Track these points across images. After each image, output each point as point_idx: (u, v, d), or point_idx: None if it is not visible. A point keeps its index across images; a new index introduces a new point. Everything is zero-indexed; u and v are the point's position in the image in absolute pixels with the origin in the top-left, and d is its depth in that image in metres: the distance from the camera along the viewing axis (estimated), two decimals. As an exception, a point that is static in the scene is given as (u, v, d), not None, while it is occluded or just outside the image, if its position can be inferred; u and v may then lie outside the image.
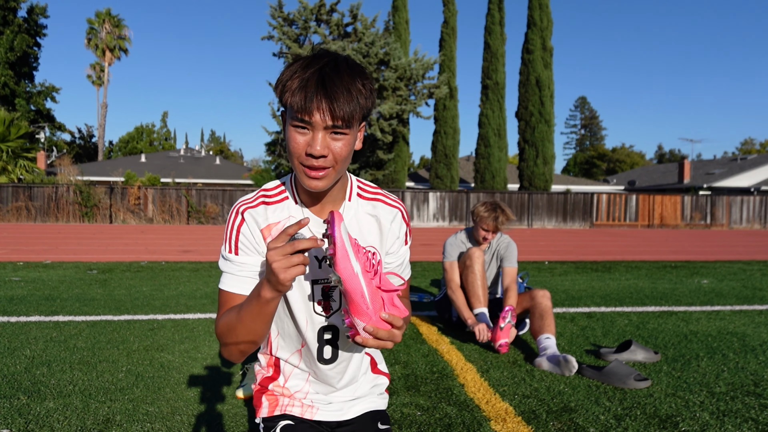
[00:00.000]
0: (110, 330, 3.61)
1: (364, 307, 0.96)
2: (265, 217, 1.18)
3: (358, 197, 1.26)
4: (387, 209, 1.28)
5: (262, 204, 1.19)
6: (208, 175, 31.89)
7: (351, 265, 0.95)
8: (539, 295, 3.25)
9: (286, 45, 19.63)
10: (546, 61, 23.38)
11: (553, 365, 2.86)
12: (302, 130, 1.06)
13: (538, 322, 3.15)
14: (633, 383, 2.62)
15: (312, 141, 1.05)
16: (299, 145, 1.07)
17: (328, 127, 1.05)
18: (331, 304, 1.22)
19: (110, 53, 36.54)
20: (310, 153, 1.05)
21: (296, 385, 1.32)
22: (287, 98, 1.06)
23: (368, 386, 1.39)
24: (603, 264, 7.83)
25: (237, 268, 1.16)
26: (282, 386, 1.32)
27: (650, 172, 42.13)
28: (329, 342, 1.25)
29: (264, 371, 1.35)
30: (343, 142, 1.07)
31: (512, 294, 3.40)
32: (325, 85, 1.03)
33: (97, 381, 2.64)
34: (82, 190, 17.96)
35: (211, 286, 5.41)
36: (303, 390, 1.31)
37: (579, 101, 72.53)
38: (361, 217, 1.25)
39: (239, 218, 1.17)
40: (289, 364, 1.30)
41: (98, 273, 6.21)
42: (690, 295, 5.25)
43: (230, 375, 2.78)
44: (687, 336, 3.64)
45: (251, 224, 1.17)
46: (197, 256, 8.33)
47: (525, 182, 23.66)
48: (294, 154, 1.08)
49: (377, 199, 1.28)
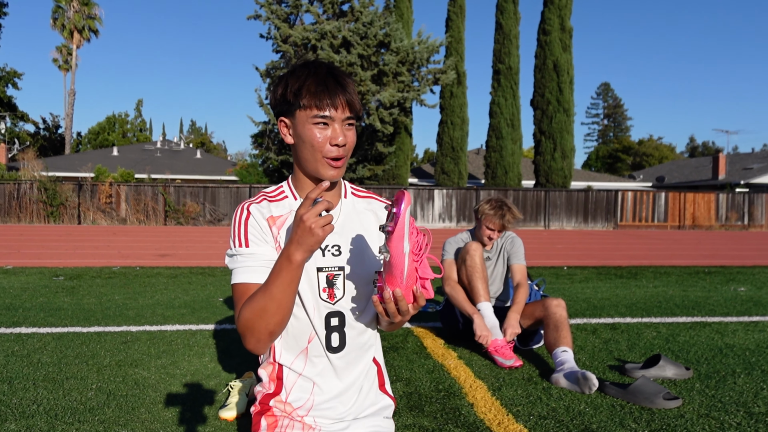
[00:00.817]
0: (78, 343, 3.61)
1: (399, 281, 1.17)
2: (269, 210, 1.42)
3: (352, 195, 1.53)
4: (381, 205, 1.55)
5: (264, 200, 1.45)
6: (188, 171, 31.92)
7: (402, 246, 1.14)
8: (553, 305, 3.26)
9: (275, 25, 19.65)
10: (565, 43, 23.39)
11: (570, 382, 2.86)
12: (323, 126, 1.33)
13: (553, 333, 3.16)
14: (662, 402, 2.62)
15: (334, 132, 1.34)
16: (322, 139, 1.34)
17: (344, 119, 1.34)
18: (335, 292, 1.42)
19: (78, 34, 36.54)
20: (335, 143, 1.33)
21: (299, 398, 1.42)
22: (307, 100, 1.31)
23: (374, 405, 1.50)
24: (628, 270, 7.83)
25: (250, 260, 1.36)
26: (284, 402, 1.43)
27: (681, 167, 42.15)
28: (336, 329, 1.43)
29: (265, 388, 1.46)
30: (353, 131, 1.38)
31: (522, 294, 3.48)
32: (340, 83, 1.33)
33: (63, 400, 2.64)
34: (47, 187, 17.96)
35: (191, 294, 5.42)
36: (306, 406, 1.41)
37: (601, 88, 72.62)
38: (360, 212, 1.50)
39: (245, 213, 1.40)
40: (293, 372, 1.43)
41: (65, 280, 6.22)
42: (725, 304, 5.25)
43: (213, 393, 2.78)
44: (722, 350, 3.64)
45: (257, 216, 1.39)
46: (176, 260, 8.33)
47: (541, 178, 23.68)
48: (317, 148, 1.34)
49: (371, 197, 1.56)
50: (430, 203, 20.21)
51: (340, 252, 1.43)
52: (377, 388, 1.53)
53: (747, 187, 31.69)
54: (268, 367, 1.47)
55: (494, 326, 3.37)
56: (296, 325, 1.42)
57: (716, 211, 21.64)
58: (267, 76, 20.74)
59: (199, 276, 6.69)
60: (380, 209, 1.53)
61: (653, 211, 21.18)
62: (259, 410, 1.46)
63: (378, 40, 19.41)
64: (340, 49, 19.15)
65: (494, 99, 23.89)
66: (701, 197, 21.59)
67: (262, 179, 21.54)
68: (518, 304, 3.44)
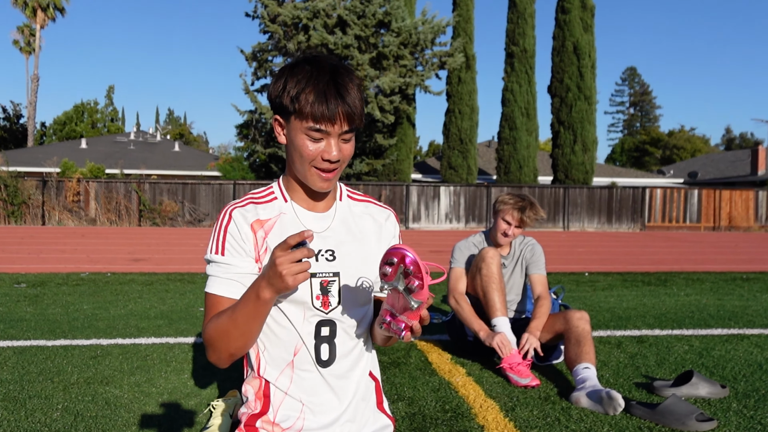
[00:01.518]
0: (43, 358, 3.61)
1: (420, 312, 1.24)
2: (255, 213, 1.45)
3: (348, 198, 1.58)
4: (378, 209, 1.60)
5: (251, 203, 1.47)
6: (165, 165, 31.94)
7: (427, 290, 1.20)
8: (575, 318, 3.26)
9: (262, 3, 19.67)
10: (586, 22, 23.40)
11: (594, 402, 2.86)
12: (317, 137, 1.36)
13: (575, 349, 3.16)
14: (695, 425, 2.63)
15: (328, 147, 1.36)
16: (314, 151, 1.37)
17: (342, 133, 1.37)
18: (330, 300, 1.45)
19: (42, 13, 36.57)
20: (328, 159, 1.36)
21: (289, 417, 1.44)
22: (303, 109, 1.33)
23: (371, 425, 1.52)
24: (657, 276, 7.83)
25: (223, 270, 1.40)
26: (272, 422, 1.44)
27: (716, 161, 42.18)
28: (326, 339, 1.45)
29: (251, 408, 1.48)
30: (351, 143, 1.41)
31: (543, 308, 3.47)
32: (342, 95, 1.34)
33: (26, 421, 2.64)
34: (7, 184, 17.97)
35: (168, 304, 5.42)
36: (296, 426, 1.43)
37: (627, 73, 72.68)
38: (357, 215, 1.55)
39: (227, 218, 1.44)
40: (279, 390, 1.45)
41: (28, 287, 6.22)
42: (766, 314, 5.26)
43: (192, 414, 2.78)
44: (762, 365, 3.64)
45: (239, 223, 1.43)
46: (151, 265, 8.34)
47: (560, 174, 23.69)
48: (307, 159, 1.38)
49: (368, 201, 1.61)
50: (436, 202, 20.21)
51: (335, 257, 1.45)
52: (374, 406, 1.55)
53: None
54: (254, 383, 1.48)
55: (511, 342, 3.36)
56: (281, 336, 1.44)
57: (755, 211, 21.65)
58: (253, 60, 20.76)
59: (178, 283, 6.70)
60: (378, 213, 1.58)
61: (685, 210, 21.20)
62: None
63: (377, 19, 19.42)
64: (335, 29, 19.16)
65: (507, 85, 23.90)
66: (738, 195, 21.60)
67: (247, 175, 21.55)
68: (539, 319, 3.42)
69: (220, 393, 3.05)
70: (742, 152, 41.06)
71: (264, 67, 20.82)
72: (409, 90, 20.34)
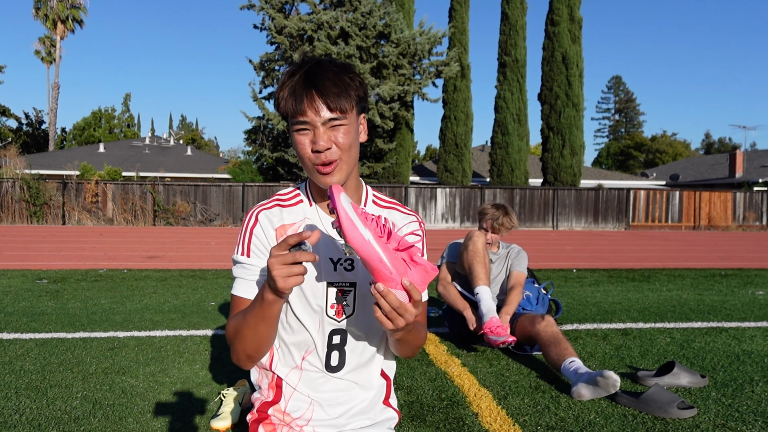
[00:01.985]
0: (63, 350, 3.61)
1: (387, 272, 1.08)
2: (281, 218, 1.39)
3: (373, 204, 1.49)
4: (401, 216, 1.50)
5: (276, 206, 1.41)
6: (178, 168, 31.94)
7: (360, 233, 1.07)
8: (542, 326, 3.29)
9: (270, 15, 19.66)
10: (574, 34, 23.40)
11: (594, 387, 2.81)
12: (304, 132, 1.29)
13: (554, 350, 3.14)
14: (676, 412, 2.63)
15: (315, 138, 1.27)
16: (305, 146, 1.29)
17: (325, 121, 1.27)
18: (344, 309, 1.39)
19: (62, 25, 36.57)
20: (316, 149, 1.27)
21: (298, 408, 1.41)
22: (283, 106, 1.29)
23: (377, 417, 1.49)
24: (641, 272, 7.83)
25: (248, 272, 1.36)
26: (283, 411, 1.42)
27: (696, 164, 42.16)
28: (337, 347, 1.41)
29: (263, 395, 1.46)
30: (342, 131, 1.29)
31: (514, 295, 3.65)
32: (313, 82, 1.26)
33: (47, 409, 2.64)
34: (30, 186, 17.97)
35: (182, 299, 5.42)
36: (305, 416, 1.41)
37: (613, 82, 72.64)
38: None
39: (253, 220, 1.38)
40: (289, 386, 1.43)
41: (49, 283, 6.22)
42: (743, 308, 5.26)
43: (204, 402, 2.78)
44: (739, 356, 3.64)
45: (265, 225, 1.37)
46: (165, 262, 8.34)
47: (549, 176, 23.69)
48: (304, 156, 1.30)
49: (393, 208, 1.51)
50: (433, 202, 20.21)
51: (353, 266, 1.40)
52: (382, 402, 1.52)
53: (765, 185, 31.70)
54: (266, 374, 1.47)
55: (491, 309, 3.47)
56: (293, 338, 1.41)
57: (733, 211, 21.64)
58: (261, 69, 20.75)
59: (190, 279, 6.70)
60: (400, 220, 1.48)
61: (667, 210, 21.19)
62: (256, 418, 1.46)
63: (377, 30, 19.42)
64: (338, 40, 19.15)
65: (500, 93, 23.89)
66: (717, 196, 21.59)
67: (256, 177, 21.54)
68: (510, 305, 3.59)
69: (230, 382, 3.05)
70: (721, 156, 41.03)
71: (271, 76, 20.81)
72: (408, 97, 20.33)
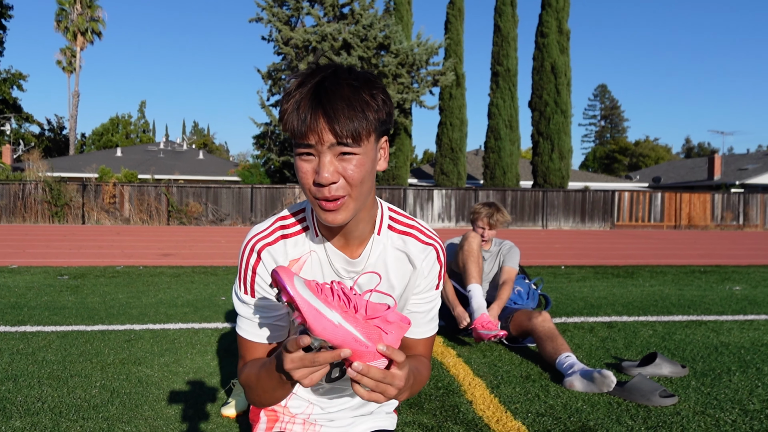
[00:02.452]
0: (83, 341, 3.61)
1: (363, 348, 0.91)
2: (285, 254, 1.16)
3: (389, 230, 1.21)
4: (419, 247, 1.22)
5: (281, 239, 1.17)
6: (191, 171, 31.92)
7: (329, 320, 0.88)
8: (539, 321, 3.27)
9: (277, 28, 19.65)
10: (562, 45, 23.38)
11: (587, 382, 2.79)
12: (307, 157, 1.02)
13: (550, 345, 3.12)
14: (658, 400, 2.62)
15: (319, 167, 1.00)
16: (307, 174, 1.02)
17: (333, 146, 0.99)
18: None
19: (82, 37, 36.54)
20: (319, 181, 1.00)
21: (299, 406, 1.34)
22: (285, 123, 1.01)
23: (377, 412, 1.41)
24: (625, 269, 7.83)
25: (253, 313, 1.17)
26: (284, 407, 1.35)
27: (677, 167, 42.14)
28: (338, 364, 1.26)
29: None
30: (354, 163, 1.01)
31: (505, 290, 3.63)
32: (320, 101, 0.98)
33: (68, 397, 2.64)
34: (51, 188, 17.96)
35: (194, 293, 5.42)
36: (306, 411, 1.34)
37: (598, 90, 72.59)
38: (389, 253, 1.20)
39: (255, 258, 1.15)
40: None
41: (69, 279, 6.21)
42: (721, 303, 5.26)
43: (215, 391, 2.78)
44: (717, 348, 3.64)
45: (269, 264, 1.15)
46: (178, 260, 8.33)
47: (539, 179, 23.67)
48: (305, 186, 1.04)
49: (410, 234, 1.22)
50: (430, 203, 20.20)
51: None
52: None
53: (742, 187, 31.68)
54: None
55: (481, 306, 3.45)
56: None
57: (712, 212, 21.63)
58: (268, 78, 20.75)
59: (202, 275, 6.69)
60: (417, 253, 1.21)
61: (649, 211, 21.17)
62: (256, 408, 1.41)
63: (378, 42, 19.42)
64: (341, 51, 19.15)
65: (493, 101, 23.88)
66: (697, 197, 21.58)
67: (264, 180, 21.53)
68: (500, 300, 3.57)
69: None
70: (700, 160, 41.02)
71: (278, 85, 20.81)
72: (406, 105, 20.34)
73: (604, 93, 72.18)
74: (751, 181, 31.71)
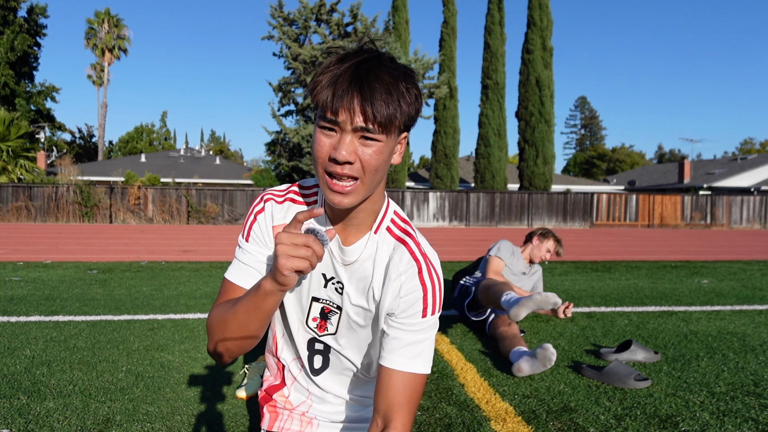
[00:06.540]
0: (110, 330, 3.61)
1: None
2: (284, 216, 1.09)
3: (387, 231, 1.09)
4: (405, 259, 1.07)
5: (288, 201, 1.10)
6: (208, 175, 31.90)
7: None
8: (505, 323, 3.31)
9: (286, 45, 19.64)
10: (546, 61, 23.37)
11: (533, 361, 2.70)
12: (329, 132, 0.93)
13: (509, 342, 3.06)
14: (633, 383, 2.62)
15: (338, 144, 0.92)
16: (323, 147, 0.93)
17: (357, 129, 0.91)
18: (327, 326, 1.13)
19: (110, 53, 36.53)
20: (334, 157, 0.91)
21: (298, 399, 1.25)
22: (316, 94, 0.92)
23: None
24: (603, 264, 7.82)
25: (244, 257, 1.08)
26: (285, 398, 1.26)
27: (650, 172, 42.11)
28: (320, 352, 1.17)
29: (271, 378, 1.29)
30: (374, 149, 0.93)
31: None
32: (360, 81, 0.90)
33: (97, 381, 2.64)
34: (82, 190, 17.96)
35: (212, 286, 5.41)
36: (307, 403, 1.25)
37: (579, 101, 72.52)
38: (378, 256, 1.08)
39: (260, 205, 1.10)
40: (291, 374, 1.23)
41: (98, 273, 6.21)
42: (690, 295, 5.25)
43: (230, 375, 2.78)
44: (687, 336, 3.64)
45: (268, 216, 1.08)
46: (197, 256, 8.33)
47: (525, 182, 23.66)
48: (318, 159, 0.94)
49: (404, 242, 1.08)
50: (426, 204, 20.22)
51: (342, 291, 1.10)
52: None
53: (709, 190, 31.66)
54: (273, 357, 1.27)
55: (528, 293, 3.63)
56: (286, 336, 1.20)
57: (682, 212, 21.62)
58: (279, 91, 20.72)
59: (219, 270, 6.69)
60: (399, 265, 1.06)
61: (625, 211, 21.16)
62: (264, 396, 1.31)
63: (378, 58, 19.38)
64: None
65: (483, 111, 23.88)
66: (668, 199, 21.57)
67: (274, 183, 21.52)
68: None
69: (252, 358, 3.05)
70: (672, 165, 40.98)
71: (288, 97, 20.79)
72: (404, 115, 20.31)
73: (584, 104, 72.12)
74: (717, 184, 31.70)
